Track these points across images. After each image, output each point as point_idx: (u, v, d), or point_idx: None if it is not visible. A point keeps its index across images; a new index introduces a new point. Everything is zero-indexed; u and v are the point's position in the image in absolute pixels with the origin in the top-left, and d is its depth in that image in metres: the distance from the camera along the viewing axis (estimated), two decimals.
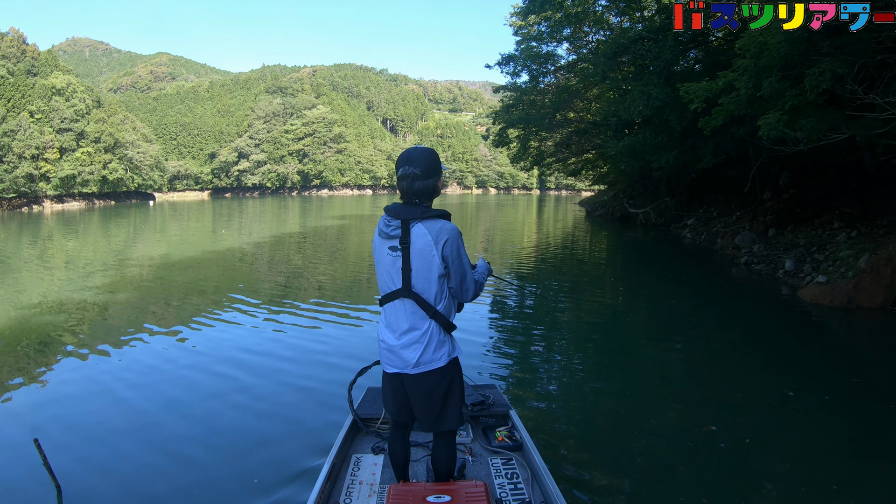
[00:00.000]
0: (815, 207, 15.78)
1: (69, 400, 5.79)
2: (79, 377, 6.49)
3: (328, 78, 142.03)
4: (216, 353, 7.35)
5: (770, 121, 9.30)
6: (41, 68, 68.07)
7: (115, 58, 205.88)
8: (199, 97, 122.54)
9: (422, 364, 2.74)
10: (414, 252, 2.66)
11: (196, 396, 5.85)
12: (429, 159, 2.72)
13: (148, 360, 7.05)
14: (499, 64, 30.78)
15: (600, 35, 28.82)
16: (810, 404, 5.59)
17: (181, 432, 5.00)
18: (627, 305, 10.99)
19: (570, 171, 43.57)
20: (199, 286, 12.71)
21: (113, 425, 5.16)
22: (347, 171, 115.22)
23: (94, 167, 67.91)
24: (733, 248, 16.07)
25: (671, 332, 8.86)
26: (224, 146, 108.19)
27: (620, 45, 15.75)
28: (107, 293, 11.46)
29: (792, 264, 12.43)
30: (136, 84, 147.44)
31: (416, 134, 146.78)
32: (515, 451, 3.76)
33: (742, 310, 10.40)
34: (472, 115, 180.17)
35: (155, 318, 9.42)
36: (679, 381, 6.59)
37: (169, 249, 20.14)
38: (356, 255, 17.93)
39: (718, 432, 4.81)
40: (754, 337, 8.44)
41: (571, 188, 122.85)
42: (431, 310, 2.72)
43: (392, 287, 2.78)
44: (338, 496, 3.29)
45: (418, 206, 2.70)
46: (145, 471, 4.33)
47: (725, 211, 21.33)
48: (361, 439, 3.99)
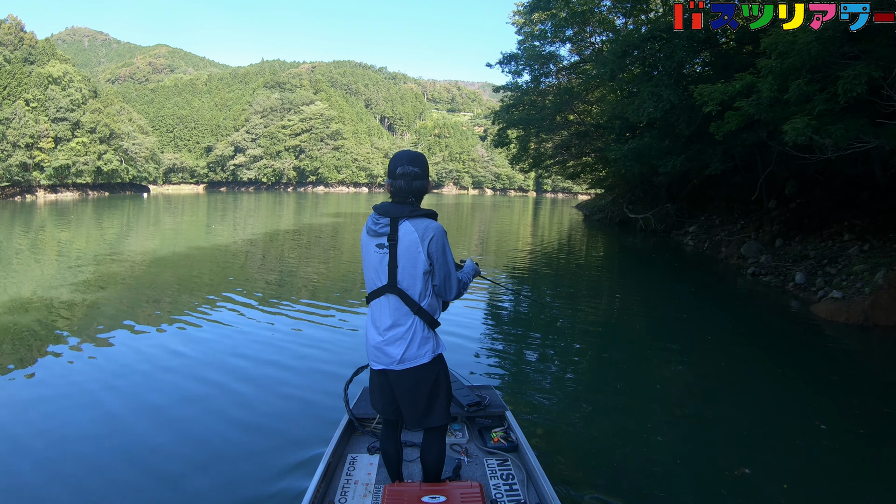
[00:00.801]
0: (823, 218, 15.37)
1: (41, 402, 5.49)
2: (54, 376, 6.22)
3: (327, 74, 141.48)
4: (211, 352, 7.22)
5: (798, 126, 8.79)
6: (38, 56, 67.17)
7: (115, 48, 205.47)
8: (196, 90, 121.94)
9: (406, 360, 2.79)
10: (401, 249, 2.74)
11: (194, 396, 5.77)
12: (424, 161, 2.84)
13: (133, 359, 6.86)
14: (500, 63, 30.36)
15: (604, 37, 28.51)
16: (847, 441, 5.07)
17: (179, 432, 4.95)
18: (627, 312, 10.72)
19: (568, 173, 43.31)
20: (191, 283, 12.50)
21: (88, 430, 4.95)
22: (344, 169, 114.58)
23: (89, 158, 67.13)
24: (739, 257, 15.65)
25: (674, 341, 8.61)
26: (220, 140, 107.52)
27: (631, 44, 15.24)
28: (95, 288, 11.18)
29: (802, 277, 12.01)
30: (134, 75, 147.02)
31: (414, 133, 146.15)
32: (511, 452, 3.76)
33: (752, 324, 9.95)
34: (471, 115, 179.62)
35: (143, 317, 9.08)
36: (680, 392, 6.39)
37: (161, 243, 19.89)
38: (350, 254, 17.52)
39: (752, 475, 4.31)
40: (769, 356, 7.98)
41: (568, 191, 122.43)
42: (416, 306, 2.78)
43: (378, 283, 2.85)
44: (333, 496, 3.28)
45: (407, 205, 2.78)
46: (134, 470, 4.28)
47: (728, 219, 20.93)
48: (357, 439, 3.99)
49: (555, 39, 28.16)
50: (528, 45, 29.87)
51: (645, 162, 17.50)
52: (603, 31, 27.26)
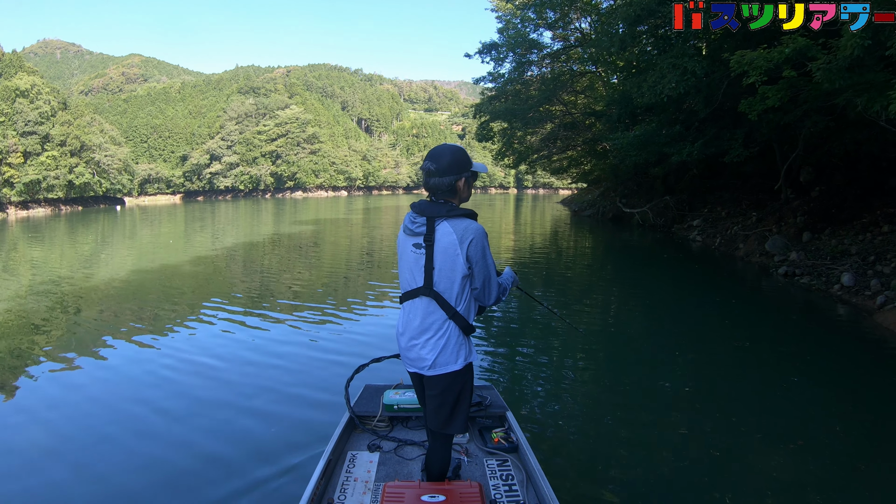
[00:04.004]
0: (851, 207, 13.71)
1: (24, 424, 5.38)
2: (32, 395, 6.21)
3: (302, 78, 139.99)
4: (205, 356, 7.31)
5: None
6: (5, 69, 66.20)
7: (87, 59, 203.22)
8: (170, 98, 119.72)
9: (438, 366, 2.69)
10: (438, 250, 2.62)
11: (191, 395, 5.98)
12: (449, 157, 2.70)
13: (124, 366, 7.13)
14: (479, 52, 28.60)
15: (587, 23, 26.90)
16: None
17: (176, 431, 5.08)
18: (634, 314, 10.06)
19: (553, 168, 41.78)
20: (173, 294, 12.23)
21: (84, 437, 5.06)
22: (322, 173, 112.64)
23: (60, 171, 65.54)
24: (762, 254, 13.87)
25: (687, 349, 7.71)
26: (196, 148, 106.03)
27: (645, 7, 13.14)
28: (72, 307, 11.00)
29: (851, 278, 10.24)
30: (107, 86, 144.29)
31: (392, 134, 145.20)
32: (511, 452, 3.65)
33: (803, 338, 8.11)
34: (448, 114, 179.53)
35: (125, 331, 8.93)
36: (690, 398, 5.87)
37: (139, 257, 19.47)
38: (331, 262, 15.67)
39: None
40: (831, 380, 6.31)
41: (549, 187, 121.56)
42: (451, 310, 2.65)
43: (413, 285, 2.72)
44: (332, 493, 3.20)
45: (445, 204, 2.67)
46: (134, 469, 4.39)
47: (736, 211, 19.22)
48: (357, 436, 3.91)
49: (538, 24, 26.43)
50: (510, 31, 28.06)
51: (653, 150, 15.58)
52: (587, 15, 25.55)
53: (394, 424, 3.97)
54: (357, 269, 15.34)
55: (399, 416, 3.98)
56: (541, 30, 27.31)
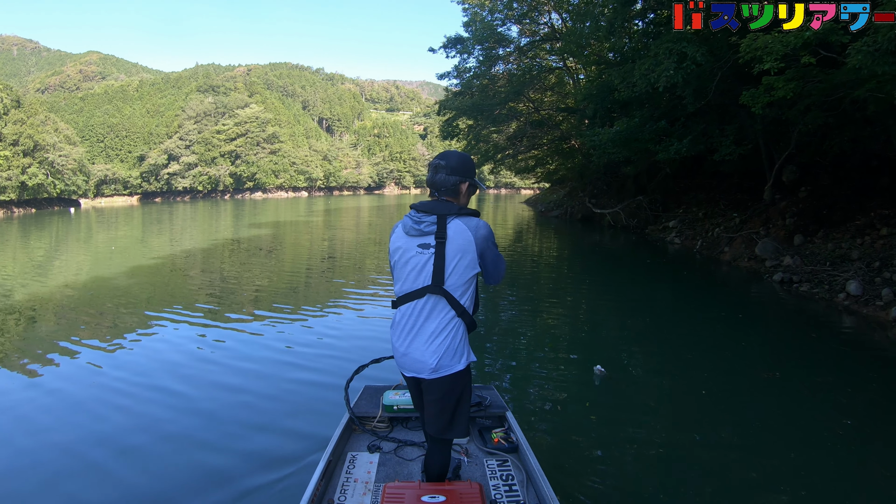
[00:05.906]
0: (843, 209, 12.95)
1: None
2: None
3: (262, 77, 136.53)
4: (197, 358, 7.21)
5: None
6: None
7: (45, 57, 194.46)
8: (127, 97, 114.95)
9: (441, 368, 2.62)
10: (451, 248, 2.55)
11: (190, 394, 5.89)
12: (458, 159, 2.72)
13: (117, 369, 6.85)
14: (444, 47, 27.39)
15: (555, 18, 26.01)
16: None
17: (175, 431, 5.04)
18: (631, 317, 9.64)
19: (518, 168, 40.93)
20: (133, 299, 11.54)
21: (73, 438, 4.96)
22: (282, 173, 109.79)
23: (12, 172, 62.07)
24: (751, 258, 13.00)
25: (688, 349, 7.62)
26: (153, 148, 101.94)
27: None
28: (27, 315, 10.33)
29: (858, 287, 9.37)
30: (64, 84, 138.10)
31: (353, 133, 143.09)
32: (511, 452, 3.62)
33: (813, 357, 7.09)
34: (410, 114, 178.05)
35: (88, 336, 8.44)
36: (689, 399, 5.79)
37: (92, 263, 18.10)
38: (291, 265, 14.38)
39: None
40: (851, 407, 5.36)
41: (511, 186, 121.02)
42: (460, 308, 2.61)
43: (417, 285, 2.64)
44: (332, 494, 3.20)
45: (452, 203, 2.64)
46: (133, 470, 4.41)
47: (714, 211, 18.41)
48: (357, 437, 3.87)
49: (507, 17, 25.41)
50: (477, 24, 26.88)
51: (635, 147, 14.55)
52: (559, 8, 24.62)
53: (393, 425, 3.94)
54: (321, 273, 14.12)
55: (399, 416, 3.93)
56: (509, 23, 26.26)
